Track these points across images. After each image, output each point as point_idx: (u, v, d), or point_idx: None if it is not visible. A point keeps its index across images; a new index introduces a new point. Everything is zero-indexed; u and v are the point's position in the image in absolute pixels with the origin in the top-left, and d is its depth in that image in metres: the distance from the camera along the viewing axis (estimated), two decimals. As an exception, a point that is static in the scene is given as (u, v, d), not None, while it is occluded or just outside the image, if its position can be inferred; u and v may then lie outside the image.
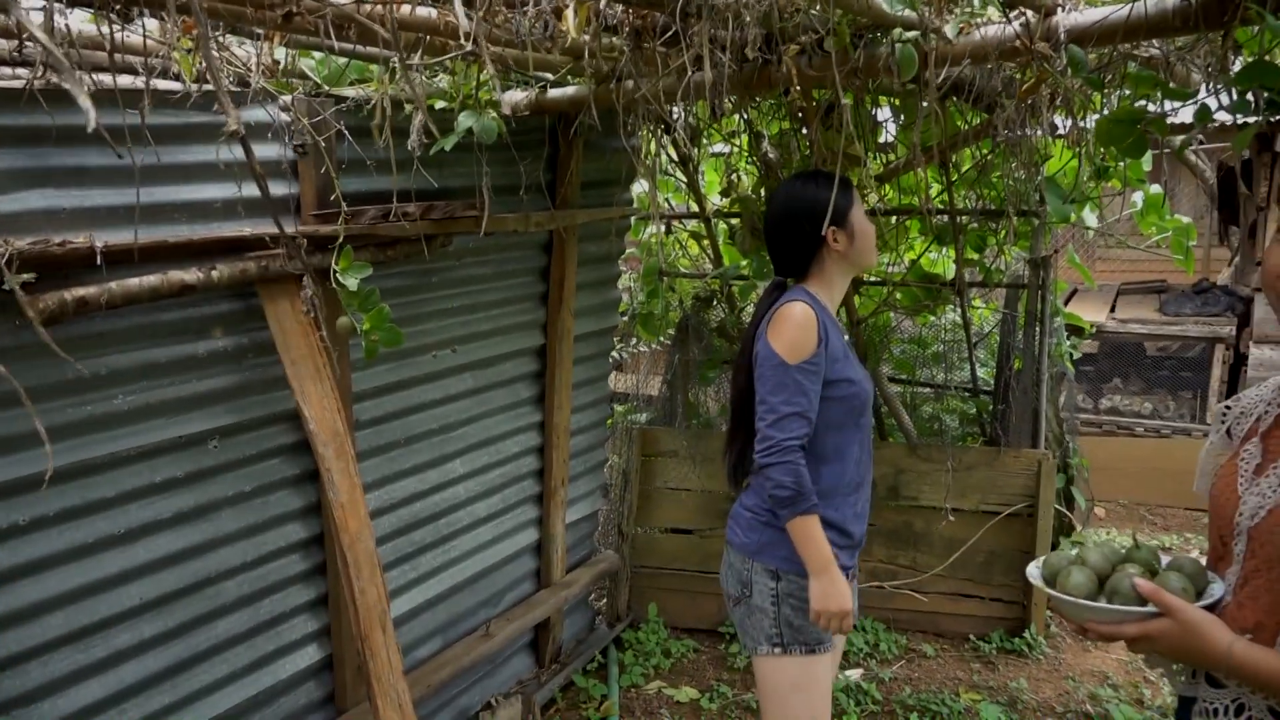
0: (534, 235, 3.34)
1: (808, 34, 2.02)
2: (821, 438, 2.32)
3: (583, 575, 3.92)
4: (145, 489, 2.27)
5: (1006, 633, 4.25)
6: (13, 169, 1.90)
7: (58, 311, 1.91)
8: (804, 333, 2.25)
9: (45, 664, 2.12)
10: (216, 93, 1.32)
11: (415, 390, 3.01)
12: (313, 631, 2.77)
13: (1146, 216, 3.98)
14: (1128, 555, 1.56)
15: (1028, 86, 2.06)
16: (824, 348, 2.27)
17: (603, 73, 2.35)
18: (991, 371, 4.93)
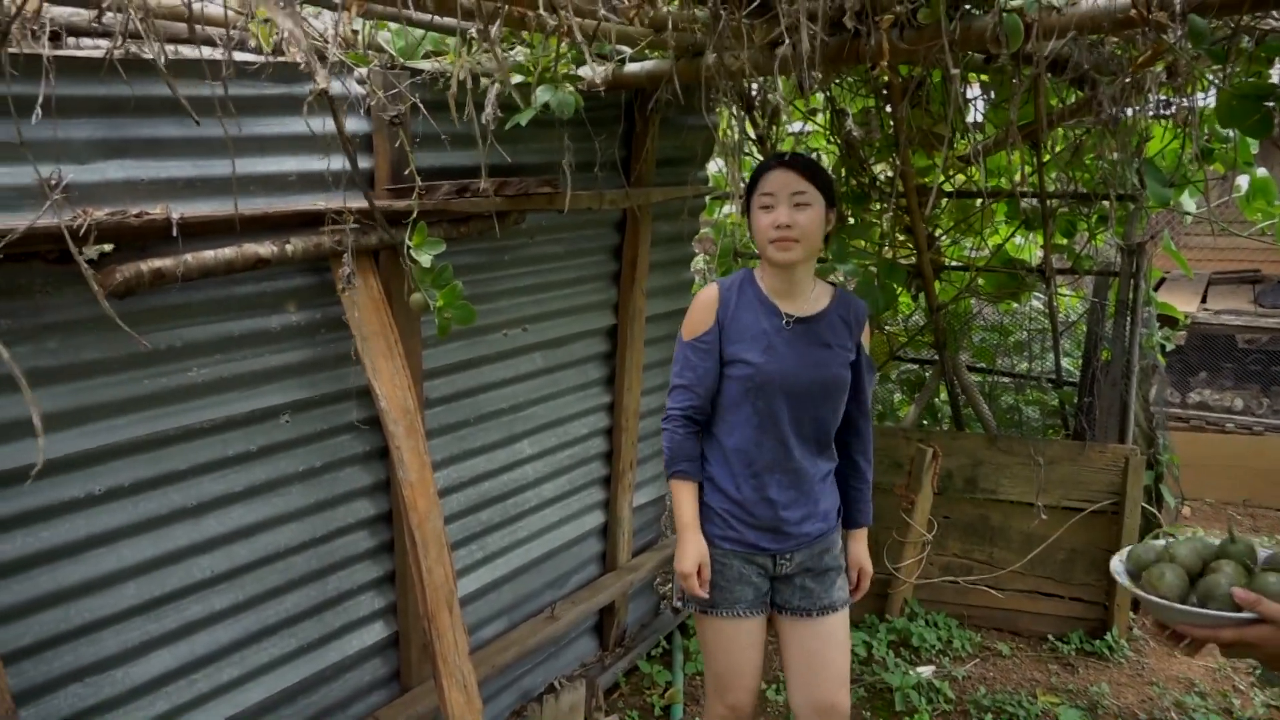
0: (607, 213, 3.28)
1: (903, 4, 1.91)
2: (717, 412, 2.48)
3: (648, 560, 3.87)
4: (217, 462, 2.27)
5: (1087, 634, 4.10)
6: (92, 139, 1.89)
7: (133, 283, 1.90)
8: (698, 312, 2.46)
9: (119, 633, 2.14)
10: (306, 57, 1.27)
11: (485, 369, 2.98)
12: (379, 609, 2.76)
13: (1253, 202, 3.76)
14: (1221, 550, 1.46)
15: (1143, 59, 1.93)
16: (719, 327, 2.41)
17: (684, 46, 2.27)
18: (1076, 362, 4.75)
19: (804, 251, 2.33)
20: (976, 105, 3.39)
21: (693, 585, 2.42)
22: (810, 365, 2.39)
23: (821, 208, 2.33)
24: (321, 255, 2.27)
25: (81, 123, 1.87)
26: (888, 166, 3.91)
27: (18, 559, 1.94)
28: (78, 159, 1.87)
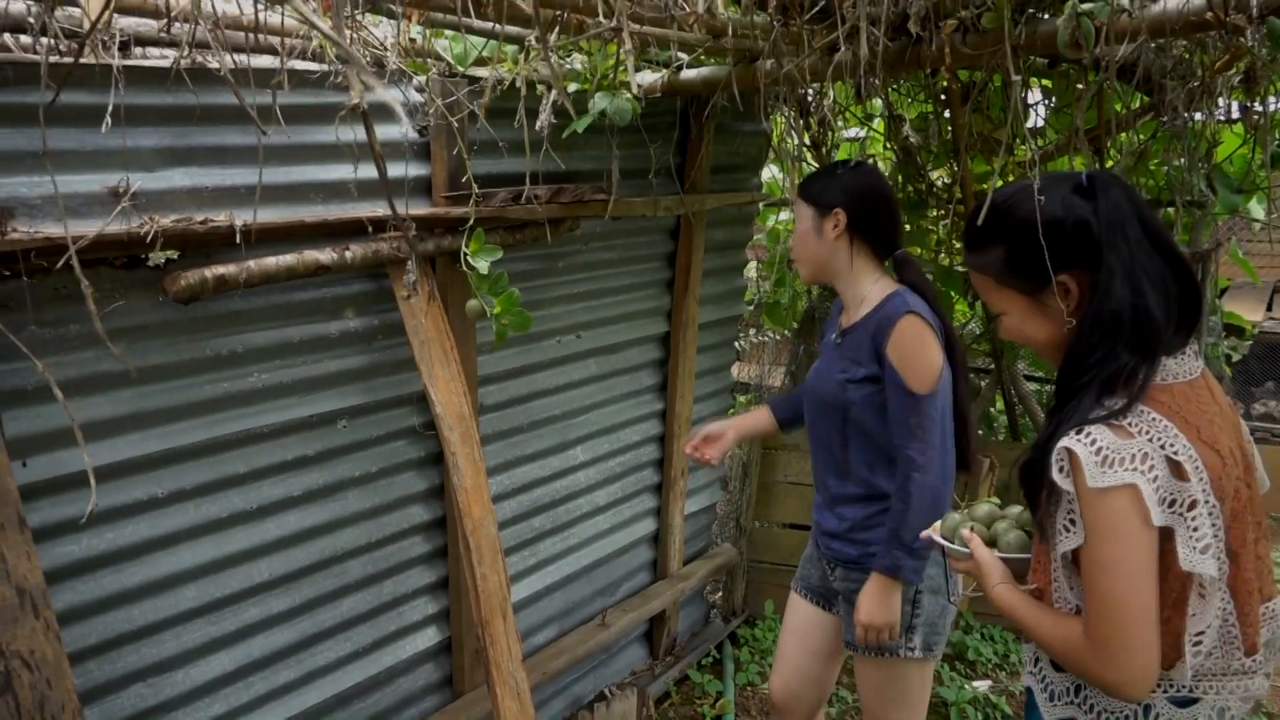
0: (661, 220, 3.27)
1: (968, 9, 1.88)
2: None
3: (700, 568, 3.85)
4: (277, 466, 2.29)
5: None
6: (159, 147, 1.92)
7: (198, 289, 1.93)
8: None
9: (179, 635, 2.17)
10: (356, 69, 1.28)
11: (539, 375, 2.98)
12: (432, 614, 2.77)
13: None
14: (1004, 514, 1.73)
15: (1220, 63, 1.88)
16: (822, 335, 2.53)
17: (742, 52, 2.25)
18: (1138, 372, 4.64)
19: (803, 268, 2.37)
20: (1037, 110, 3.33)
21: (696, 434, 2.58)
22: (821, 377, 2.37)
23: (809, 217, 2.30)
24: (380, 262, 2.28)
25: (149, 131, 1.90)
26: (945, 173, 3.85)
27: (84, 560, 1.97)
28: (145, 167, 1.90)
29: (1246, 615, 1.40)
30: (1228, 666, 1.42)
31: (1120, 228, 1.41)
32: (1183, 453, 1.33)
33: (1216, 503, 1.36)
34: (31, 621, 1.61)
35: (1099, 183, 1.44)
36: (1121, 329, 1.39)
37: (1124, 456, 1.32)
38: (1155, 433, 1.34)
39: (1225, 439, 1.42)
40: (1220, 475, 1.37)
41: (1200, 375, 1.47)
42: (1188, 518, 1.32)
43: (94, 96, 1.74)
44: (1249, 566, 1.42)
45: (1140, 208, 1.43)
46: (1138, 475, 1.31)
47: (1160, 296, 1.39)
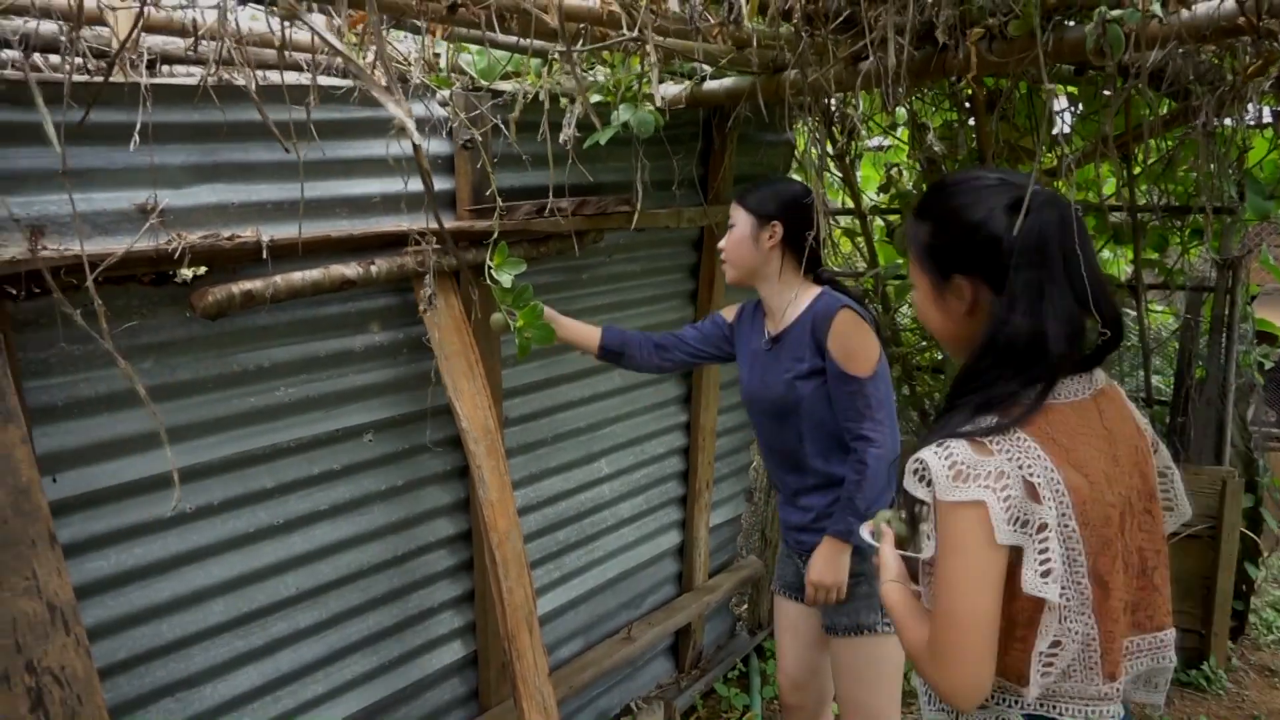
0: (685, 231, 3.26)
1: (994, 17, 1.86)
2: None
3: (725, 581, 3.82)
4: (303, 481, 2.30)
5: (1182, 664, 3.93)
6: (186, 164, 1.94)
7: (225, 305, 1.94)
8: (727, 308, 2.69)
9: (207, 649, 2.17)
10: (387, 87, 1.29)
11: (563, 388, 2.98)
12: (458, 628, 2.77)
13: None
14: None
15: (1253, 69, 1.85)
16: (730, 329, 2.63)
17: (766, 62, 2.25)
18: (1168, 380, 4.59)
19: (734, 271, 2.46)
20: (1063, 117, 3.30)
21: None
22: (766, 384, 2.44)
23: (748, 225, 2.39)
24: (405, 276, 2.29)
25: (176, 148, 1.92)
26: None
27: (113, 575, 1.98)
28: (173, 184, 1.91)
29: (1110, 642, 1.39)
30: (1086, 691, 1.41)
31: (1035, 253, 1.36)
32: (1040, 475, 1.32)
33: (1077, 528, 1.35)
34: (62, 637, 1.61)
35: (1033, 204, 1.38)
36: (1013, 356, 1.37)
37: (979, 473, 1.32)
38: (1016, 453, 1.33)
39: (1101, 464, 1.39)
40: (1087, 500, 1.35)
41: (1091, 396, 1.43)
42: (1036, 540, 1.32)
43: (122, 115, 1.75)
44: (1119, 595, 1.40)
45: (1068, 236, 1.37)
46: (988, 493, 1.30)
47: (1063, 329, 1.35)
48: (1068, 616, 1.36)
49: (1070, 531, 1.34)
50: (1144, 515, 1.45)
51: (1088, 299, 1.36)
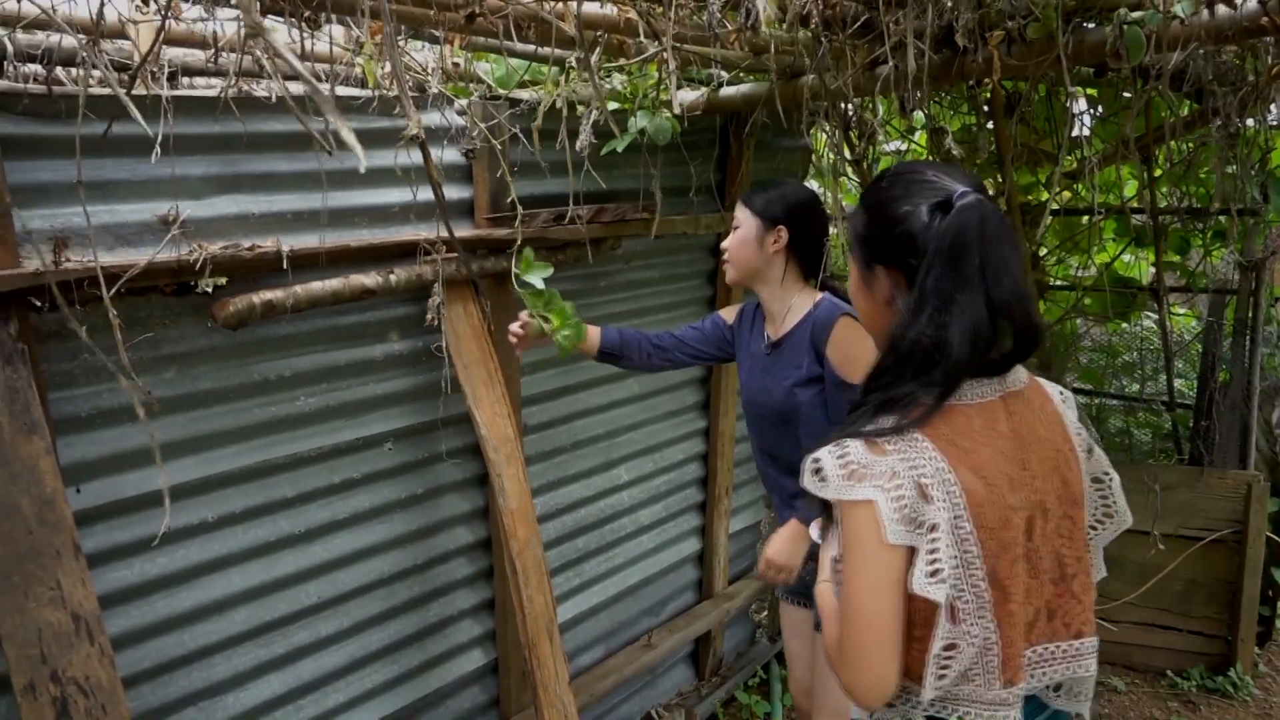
0: (702, 238, 3.26)
1: (1014, 20, 1.85)
2: None
3: (745, 588, 3.81)
4: (324, 490, 2.30)
5: (1208, 669, 3.89)
6: (207, 175, 1.95)
7: (246, 315, 1.95)
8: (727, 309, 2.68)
9: (230, 658, 2.18)
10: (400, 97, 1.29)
11: (582, 395, 2.98)
12: (478, 636, 2.77)
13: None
14: None
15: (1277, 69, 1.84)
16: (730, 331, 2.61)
17: (784, 67, 2.24)
18: (1190, 383, 4.56)
19: (734, 272, 2.42)
20: (1082, 119, 3.28)
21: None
22: (765, 390, 2.42)
23: (753, 227, 2.35)
24: (424, 285, 2.29)
25: (197, 159, 1.93)
26: (989, 185, 3.80)
27: (137, 585, 1.99)
28: (194, 195, 1.92)
29: (1010, 647, 1.38)
30: (984, 695, 1.39)
31: (949, 256, 1.34)
32: (933, 476, 1.32)
33: (973, 530, 1.33)
34: (87, 647, 1.62)
35: (956, 205, 1.36)
36: (913, 359, 1.36)
37: (871, 473, 1.32)
38: (910, 453, 1.33)
39: (1002, 466, 1.37)
40: (983, 503, 1.34)
41: (999, 398, 1.41)
42: (926, 541, 1.32)
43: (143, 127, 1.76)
44: (1019, 599, 1.38)
45: (988, 241, 1.34)
46: (879, 492, 1.31)
47: (967, 336, 1.33)
48: (965, 619, 1.35)
49: (965, 534, 1.34)
50: (1064, 521, 1.43)
51: (1003, 307, 1.34)
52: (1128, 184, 3.89)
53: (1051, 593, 1.43)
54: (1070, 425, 1.49)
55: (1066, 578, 1.44)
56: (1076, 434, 1.49)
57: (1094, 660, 1.47)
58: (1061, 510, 1.43)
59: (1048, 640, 1.44)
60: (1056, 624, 1.44)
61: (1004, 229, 1.36)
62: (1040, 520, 1.40)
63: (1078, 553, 1.45)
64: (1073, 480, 1.45)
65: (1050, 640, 1.44)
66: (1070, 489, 1.44)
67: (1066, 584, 1.44)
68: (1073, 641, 1.45)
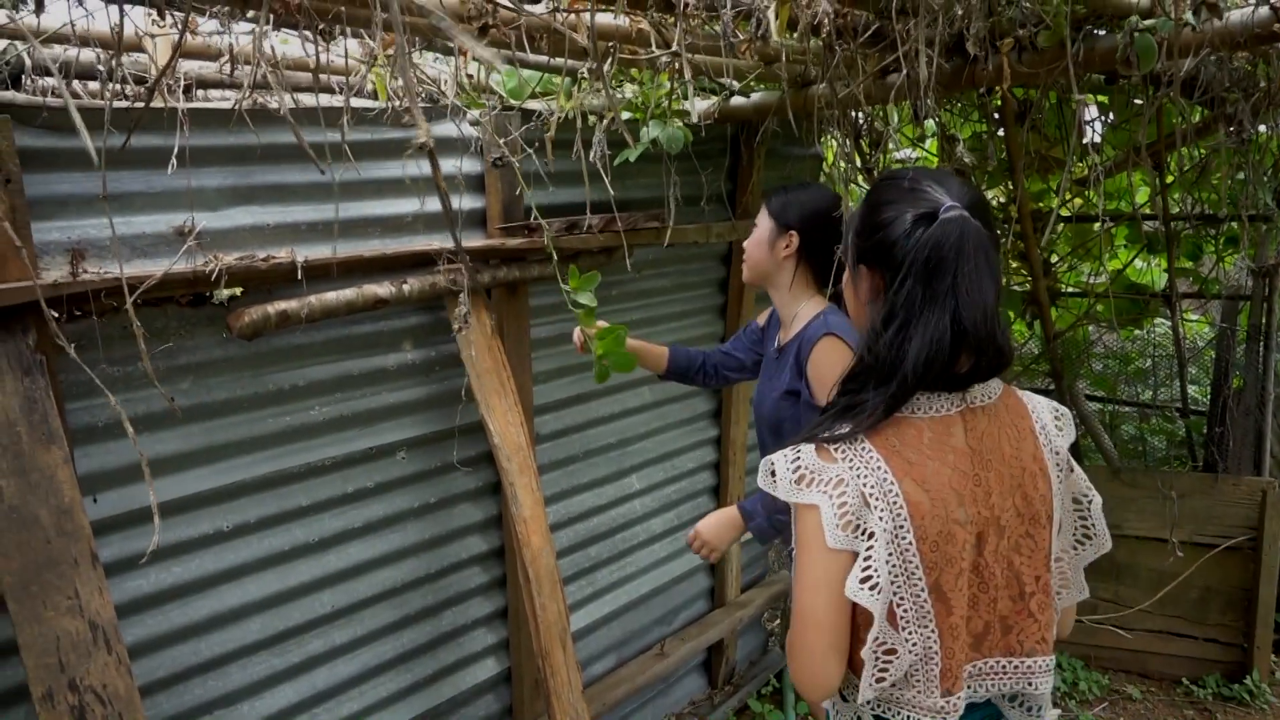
0: (713, 246, 3.26)
1: (1025, 28, 1.86)
2: None
3: (757, 596, 3.80)
4: (338, 499, 2.31)
5: (1224, 677, 3.87)
6: (222, 187, 1.96)
7: (260, 325, 1.96)
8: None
9: (244, 667, 2.18)
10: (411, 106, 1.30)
11: (594, 404, 2.98)
12: (491, 644, 2.77)
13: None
14: None
15: (1290, 76, 1.84)
16: (760, 333, 2.64)
17: (795, 76, 2.25)
18: (1204, 390, 4.54)
19: (748, 270, 2.43)
20: (1094, 126, 3.28)
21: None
22: (761, 396, 2.43)
23: (767, 228, 2.35)
24: (437, 294, 2.30)
25: (212, 171, 1.94)
26: (1000, 192, 3.80)
27: (153, 594, 2.00)
28: (210, 206, 1.94)
29: (950, 658, 1.40)
30: (924, 701, 1.42)
31: (922, 269, 1.35)
32: (875, 486, 1.35)
33: (914, 541, 1.36)
34: (104, 656, 1.63)
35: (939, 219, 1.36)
36: (877, 370, 1.39)
37: (820, 479, 1.37)
38: (857, 462, 1.36)
39: (951, 481, 1.38)
40: (925, 515, 1.36)
41: (957, 413, 1.42)
42: (864, 548, 1.35)
43: (160, 139, 1.78)
44: (961, 612, 1.40)
45: (964, 261, 1.33)
46: (824, 498, 1.36)
47: (925, 351, 1.34)
48: (905, 627, 1.38)
49: (906, 544, 1.36)
50: (1024, 539, 1.44)
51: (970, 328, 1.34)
52: (1139, 190, 3.88)
53: (1009, 608, 1.45)
54: (1048, 444, 1.48)
55: (1025, 595, 1.45)
56: (1055, 453, 1.48)
57: (1045, 679, 1.48)
58: (1022, 528, 1.44)
59: (1002, 654, 1.46)
60: (1011, 639, 1.46)
61: (983, 250, 1.36)
62: (994, 536, 1.42)
63: (1037, 571, 1.45)
64: (1036, 499, 1.45)
65: (1004, 655, 1.46)
66: (1032, 507, 1.44)
67: (1024, 601, 1.45)
68: (1024, 659, 1.46)
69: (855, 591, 1.34)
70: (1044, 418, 1.51)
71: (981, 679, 1.46)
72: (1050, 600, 1.47)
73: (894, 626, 1.38)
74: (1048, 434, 1.49)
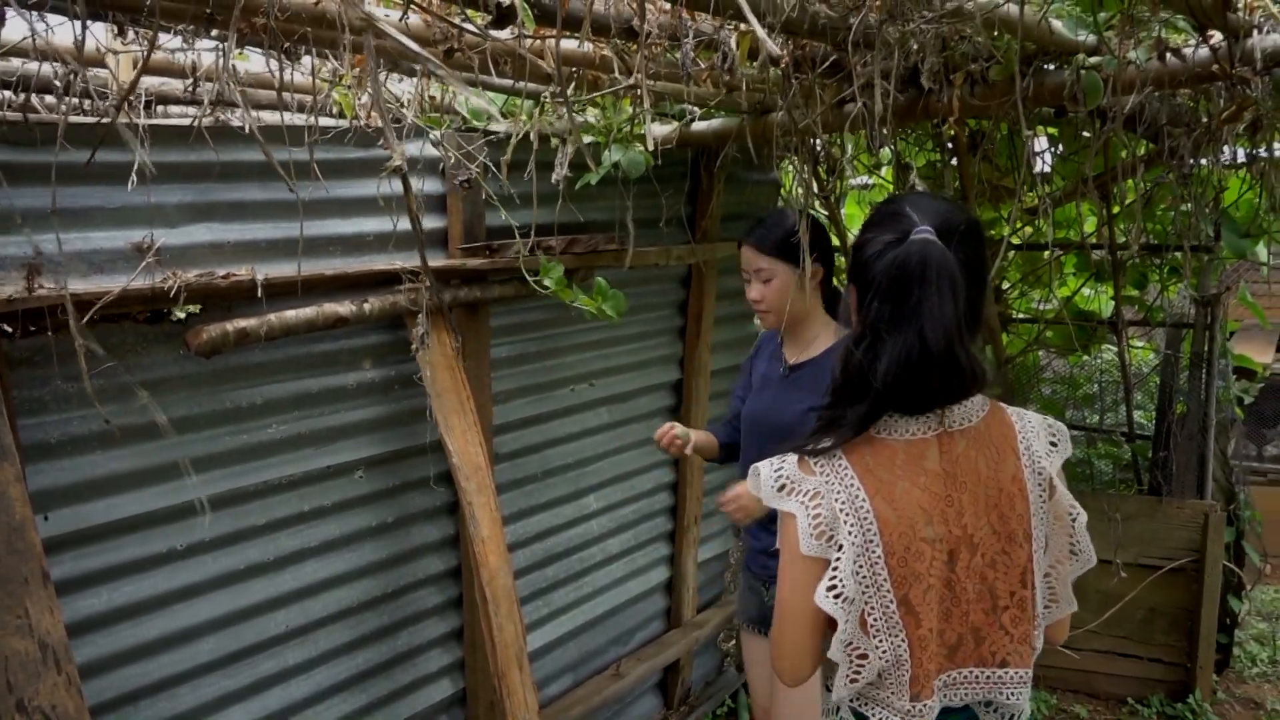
0: (673, 269, 3.30)
1: (977, 62, 1.91)
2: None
3: (713, 616, 3.82)
4: (294, 518, 2.30)
5: (1167, 696, 3.95)
6: (181, 204, 1.96)
7: (219, 342, 1.95)
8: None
9: (195, 688, 2.16)
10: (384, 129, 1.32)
11: (553, 424, 3.00)
12: (448, 665, 2.76)
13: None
14: None
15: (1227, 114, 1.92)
16: (750, 364, 2.72)
17: (754, 104, 2.29)
18: (1149, 415, 4.65)
19: (775, 319, 2.48)
20: (1044, 158, 3.37)
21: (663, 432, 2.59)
22: (778, 408, 2.47)
23: (786, 274, 2.40)
24: (397, 314, 2.31)
25: (172, 188, 1.94)
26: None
27: (103, 614, 1.97)
28: (169, 223, 1.93)
29: (919, 666, 1.47)
30: (895, 703, 1.50)
31: (888, 289, 1.43)
32: (847, 502, 1.44)
33: (883, 555, 1.44)
34: (54, 676, 1.60)
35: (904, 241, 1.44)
36: (852, 385, 1.48)
37: (799, 489, 1.48)
38: (833, 478, 1.46)
39: (921, 500, 1.45)
40: (894, 532, 1.44)
41: (934, 436, 1.48)
42: (834, 557, 1.44)
43: (120, 155, 1.78)
44: (930, 623, 1.47)
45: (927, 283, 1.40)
46: (800, 507, 1.46)
47: (892, 368, 1.42)
48: (876, 634, 1.46)
49: (876, 558, 1.44)
50: (1000, 555, 1.49)
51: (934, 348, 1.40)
52: (1087, 220, 3.98)
53: (983, 621, 1.50)
54: (1030, 464, 1.52)
55: (998, 609, 1.50)
56: (1037, 473, 1.52)
57: (1019, 690, 1.52)
58: (998, 545, 1.49)
59: (975, 665, 1.51)
60: (984, 651, 1.51)
61: (947, 273, 1.41)
62: (967, 552, 1.48)
63: (1012, 587, 1.50)
64: (1013, 518, 1.50)
65: (977, 665, 1.51)
66: (1008, 526, 1.50)
67: (997, 615, 1.50)
68: (996, 670, 1.52)
69: (822, 599, 1.43)
70: (1031, 438, 1.55)
71: (956, 687, 1.52)
72: (1026, 615, 1.52)
73: (866, 634, 1.46)
74: (1032, 454, 1.53)
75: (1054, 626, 1.63)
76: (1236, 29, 1.79)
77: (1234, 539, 4.11)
